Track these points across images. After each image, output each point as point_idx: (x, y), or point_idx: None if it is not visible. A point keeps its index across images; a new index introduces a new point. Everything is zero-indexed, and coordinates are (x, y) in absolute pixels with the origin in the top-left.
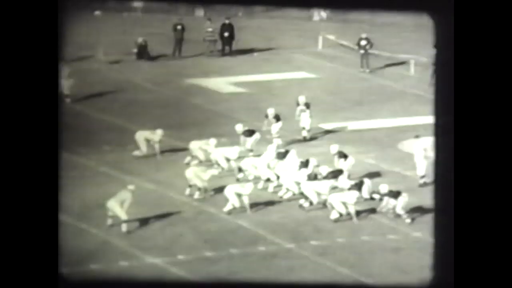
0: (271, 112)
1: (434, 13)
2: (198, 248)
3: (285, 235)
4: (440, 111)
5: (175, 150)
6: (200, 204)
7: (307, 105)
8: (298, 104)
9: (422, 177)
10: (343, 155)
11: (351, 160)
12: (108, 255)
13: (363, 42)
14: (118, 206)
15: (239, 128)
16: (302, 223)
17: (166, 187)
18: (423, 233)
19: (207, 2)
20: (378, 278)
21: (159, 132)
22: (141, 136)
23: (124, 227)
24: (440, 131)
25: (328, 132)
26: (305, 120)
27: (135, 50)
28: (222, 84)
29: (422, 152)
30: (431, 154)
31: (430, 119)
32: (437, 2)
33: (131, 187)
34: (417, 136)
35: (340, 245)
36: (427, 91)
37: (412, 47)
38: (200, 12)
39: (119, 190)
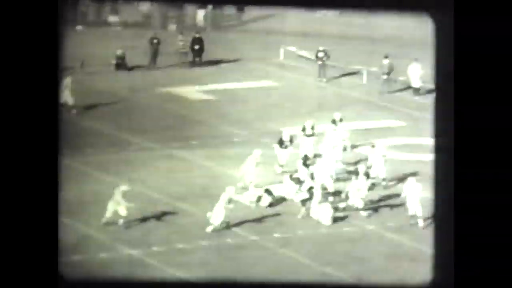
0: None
1: (434, 13)
2: (171, 240)
3: (250, 229)
4: (440, 111)
5: (150, 150)
6: (173, 201)
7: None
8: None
9: (384, 179)
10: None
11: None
12: (89, 248)
13: (320, 54)
14: (116, 205)
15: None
16: (266, 217)
17: (141, 185)
18: (377, 227)
19: (208, 3)
20: (336, 267)
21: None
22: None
23: (120, 222)
24: (440, 132)
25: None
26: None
27: (114, 62)
28: (192, 92)
29: (381, 158)
30: (388, 156)
31: (381, 123)
32: (437, 2)
33: (123, 187)
34: (373, 146)
35: (300, 237)
36: (378, 98)
37: (364, 58)
38: (173, 27)
39: (102, 188)
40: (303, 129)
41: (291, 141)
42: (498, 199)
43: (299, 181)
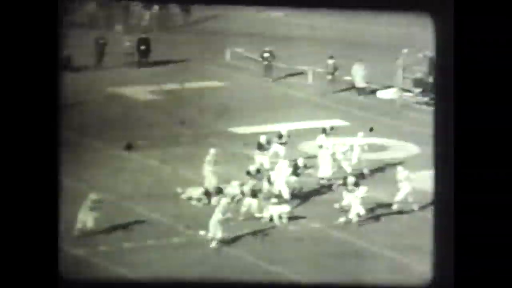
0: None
1: (434, 13)
2: (117, 240)
3: (197, 227)
4: (440, 112)
5: (97, 151)
6: (120, 200)
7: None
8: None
9: (329, 180)
10: None
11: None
12: None
13: (266, 54)
14: (86, 215)
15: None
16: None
17: (88, 185)
18: (321, 224)
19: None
20: (284, 265)
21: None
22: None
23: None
24: (440, 132)
25: (237, 135)
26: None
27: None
28: (139, 92)
29: (328, 157)
30: (338, 156)
31: (325, 123)
32: (437, 2)
33: (93, 196)
34: (320, 146)
35: (248, 236)
36: (323, 98)
37: (310, 59)
38: (119, 27)
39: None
40: (280, 137)
41: (268, 143)
42: (498, 199)
43: (249, 173)
